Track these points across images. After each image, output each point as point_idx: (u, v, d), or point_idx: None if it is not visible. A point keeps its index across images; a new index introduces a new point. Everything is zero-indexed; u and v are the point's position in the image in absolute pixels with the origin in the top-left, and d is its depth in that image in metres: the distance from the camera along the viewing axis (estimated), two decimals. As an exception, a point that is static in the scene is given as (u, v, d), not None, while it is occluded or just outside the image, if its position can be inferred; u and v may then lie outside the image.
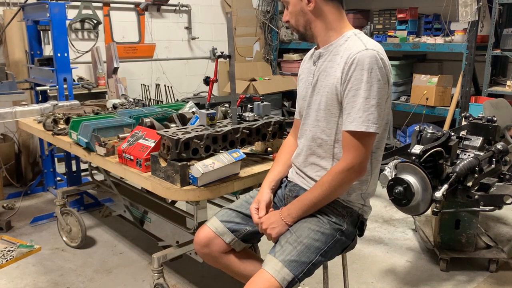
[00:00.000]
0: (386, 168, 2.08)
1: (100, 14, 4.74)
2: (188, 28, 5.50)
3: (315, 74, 1.66)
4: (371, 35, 5.14)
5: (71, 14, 4.47)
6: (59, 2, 3.28)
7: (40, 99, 3.67)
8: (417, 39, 4.76)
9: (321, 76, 1.63)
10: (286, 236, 1.58)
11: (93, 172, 3.03)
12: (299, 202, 1.62)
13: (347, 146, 1.54)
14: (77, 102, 3.16)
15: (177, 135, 1.77)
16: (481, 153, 2.27)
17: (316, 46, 1.70)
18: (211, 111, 1.96)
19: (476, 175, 2.12)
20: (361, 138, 1.52)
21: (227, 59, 1.94)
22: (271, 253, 1.54)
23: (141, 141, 1.95)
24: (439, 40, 4.53)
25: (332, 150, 1.63)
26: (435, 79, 4.44)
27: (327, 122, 1.61)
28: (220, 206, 2.52)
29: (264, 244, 2.03)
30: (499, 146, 2.32)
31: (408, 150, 2.12)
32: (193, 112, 2.35)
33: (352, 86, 1.50)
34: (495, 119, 2.50)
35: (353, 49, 1.52)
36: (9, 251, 2.74)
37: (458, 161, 2.12)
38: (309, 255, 1.53)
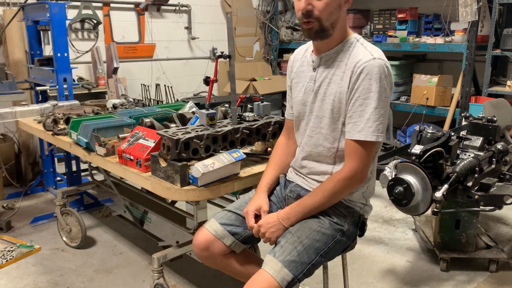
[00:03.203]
0: (386, 168, 2.08)
1: (100, 14, 4.74)
2: (188, 28, 5.50)
3: (316, 80, 1.63)
4: (371, 35, 5.14)
5: (71, 14, 4.47)
6: (59, 2, 3.28)
7: (40, 99, 3.67)
8: (417, 39, 4.75)
9: (324, 83, 1.61)
10: (286, 236, 1.57)
11: (93, 172, 3.03)
12: (299, 207, 1.61)
13: (351, 154, 1.55)
14: (77, 102, 3.16)
15: (177, 135, 1.77)
16: (481, 153, 2.27)
17: (314, 51, 1.66)
18: (211, 111, 1.96)
19: (476, 175, 2.11)
20: (367, 147, 1.53)
21: (227, 59, 1.94)
22: (271, 253, 1.54)
23: (141, 141, 1.95)
24: (439, 40, 4.53)
25: (334, 156, 1.63)
26: (435, 79, 4.44)
27: (332, 130, 1.61)
28: (220, 206, 2.52)
29: (264, 244, 2.03)
30: (499, 146, 2.32)
31: (408, 150, 2.12)
32: (193, 112, 2.35)
33: (360, 95, 1.51)
34: (495, 119, 2.50)
35: (360, 57, 1.52)
36: (9, 251, 2.74)
37: (458, 161, 2.12)
38: (309, 255, 1.53)
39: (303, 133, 1.72)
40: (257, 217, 1.70)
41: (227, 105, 2.39)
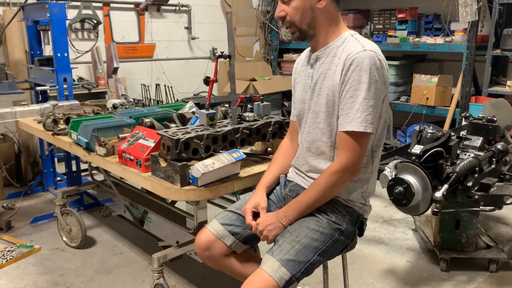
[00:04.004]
0: (386, 168, 2.08)
1: (100, 14, 4.74)
2: (188, 28, 5.50)
3: (313, 77, 1.65)
4: (371, 35, 5.14)
5: (71, 14, 4.47)
6: (59, 2, 3.28)
7: (40, 99, 3.67)
8: (417, 39, 4.75)
9: (319, 78, 1.63)
10: (285, 235, 1.58)
11: (93, 172, 3.03)
12: (296, 204, 1.62)
13: (343, 146, 1.55)
14: (77, 102, 3.16)
15: (177, 135, 1.77)
16: (481, 153, 2.27)
17: (311, 49, 1.69)
18: (211, 111, 1.96)
19: (476, 175, 2.11)
20: (358, 138, 1.52)
21: (227, 59, 1.94)
22: (269, 253, 1.54)
23: (141, 141, 1.95)
24: (439, 40, 4.53)
25: (332, 151, 1.64)
26: (435, 79, 4.44)
27: (328, 124, 1.61)
28: (220, 206, 2.52)
29: (264, 244, 2.03)
30: (499, 146, 2.32)
31: (408, 150, 2.12)
32: (193, 112, 2.35)
33: (351, 86, 1.51)
34: (495, 119, 2.50)
35: (351, 50, 1.53)
36: (9, 251, 2.74)
37: (458, 161, 2.12)
38: (307, 254, 1.53)
39: (303, 130, 1.73)
40: (256, 215, 1.71)
41: (227, 105, 2.40)
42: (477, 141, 2.39)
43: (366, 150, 1.61)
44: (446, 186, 1.95)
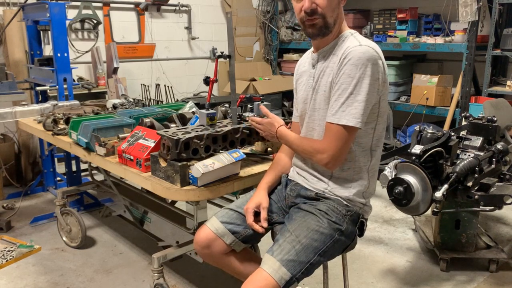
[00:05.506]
0: (386, 168, 2.08)
1: (100, 14, 4.75)
2: (188, 28, 5.51)
3: (314, 76, 1.67)
4: (371, 35, 5.14)
5: (71, 14, 4.47)
6: (59, 2, 3.28)
7: (40, 99, 3.67)
8: (417, 39, 4.76)
9: (319, 77, 1.64)
10: (285, 235, 1.58)
11: (93, 172, 3.03)
12: (288, 137, 1.72)
13: (331, 136, 1.55)
14: (77, 102, 3.16)
15: (177, 135, 1.77)
16: (481, 153, 2.27)
17: (314, 48, 1.70)
18: (211, 111, 1.96)
19: (476, 175, 2.12)
20: (342, 131, 1.52)
21: (227, 59, 1.94)
22: (269, 252, 1.54)
23: (141, 141, 1.95)
24: (439, 40, 4.54)
25: None
26: (435, 79, 4.44)
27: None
28: (220, 206, 2.52)
29: (264, 244, 2.03)
30: (499, 146, 2.32)
31: (408, 150, 2.12)
32: (193, 112, 2.35)
33: (340, 79, 1.53)
34: (495, 119, 2.50)
35: (348, 45, 1.55)
36: (9, 251, 2.74)
37: (458, 161, 2.12)
38: (308, 255, 1.53)
39: (306, 129, 1.74)
40: (257, 214, 1.71)
41: (227, 105, 2.40)
42: (477, 141, 2.39)
43: (363, 148, 1.61)
44: (446, 186, 1.96)
